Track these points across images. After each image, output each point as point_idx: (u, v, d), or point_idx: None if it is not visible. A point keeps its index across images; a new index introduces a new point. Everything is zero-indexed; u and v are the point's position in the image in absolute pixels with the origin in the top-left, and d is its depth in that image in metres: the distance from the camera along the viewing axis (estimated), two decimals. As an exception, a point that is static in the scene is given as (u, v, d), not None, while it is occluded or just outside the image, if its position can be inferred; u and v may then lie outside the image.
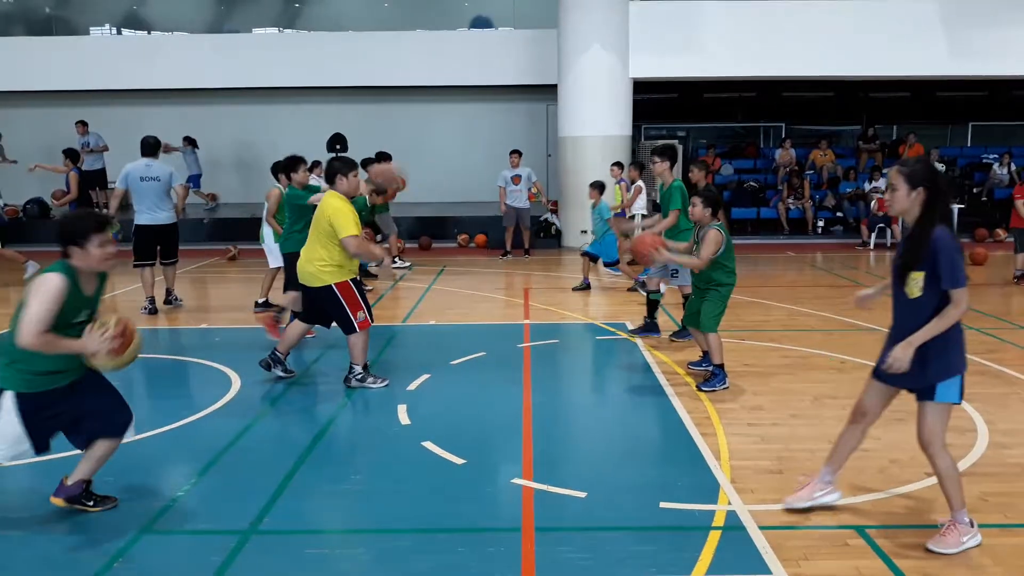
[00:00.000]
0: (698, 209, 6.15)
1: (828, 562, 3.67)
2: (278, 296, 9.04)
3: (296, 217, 7.40)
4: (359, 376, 6.30)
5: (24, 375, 3.84)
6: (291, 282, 7.46)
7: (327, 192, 6.24)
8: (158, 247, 9.19)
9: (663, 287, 8.03)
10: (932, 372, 3.70)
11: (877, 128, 18.32)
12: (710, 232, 6.09)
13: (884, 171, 15.64)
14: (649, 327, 7.89)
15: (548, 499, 4.35)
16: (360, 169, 6.65)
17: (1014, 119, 18.92)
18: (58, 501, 4.14)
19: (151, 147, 9.25)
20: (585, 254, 10.54)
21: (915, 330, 3.68)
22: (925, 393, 3.75)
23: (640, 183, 11.22)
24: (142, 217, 9.13)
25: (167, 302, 9.36)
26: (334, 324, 6.38)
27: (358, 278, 6.30)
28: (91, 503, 4.19)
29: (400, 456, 4.99)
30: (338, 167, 6.18)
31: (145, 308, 9.03)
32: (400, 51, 16.42)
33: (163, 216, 9.14)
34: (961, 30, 14.40)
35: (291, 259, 7.17)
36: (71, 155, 12.80)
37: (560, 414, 5.91)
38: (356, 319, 6.18)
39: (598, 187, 10.44)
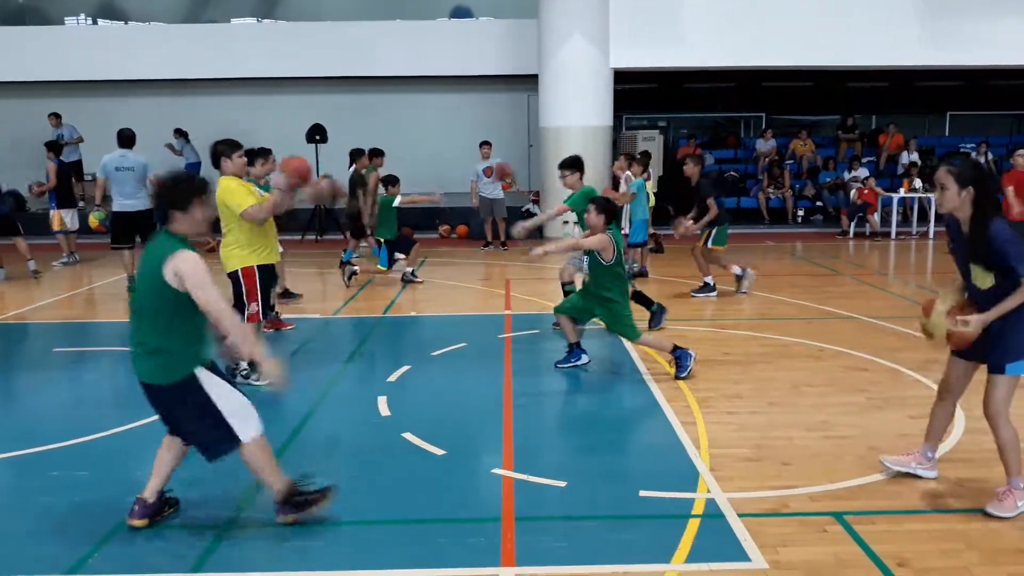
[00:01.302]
0: (592, 215, 6.14)
1: (806, 548, 3.70)
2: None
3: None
4: (243, 372, 6.12)
5: (193, 351, 3.76)
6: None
7: (220, 178, 6.18)
8: (136, 232, 9.80)
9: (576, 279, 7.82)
10: (1002, 350, 3.91)
11: (856, 118, 18.43)
12: (603, 234, 6.09)
13: (863, 160, 15.76)
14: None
15: (528, 489, 4.35)
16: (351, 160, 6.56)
17: (991, 108, 19.08)
18: (140, 522, 3.92)
19: (127, 139, 10.03)
20: (633, 245, 10.33)
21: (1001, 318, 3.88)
22: (996, 367, 3.96)
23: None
24: (118, 204, 9.85)
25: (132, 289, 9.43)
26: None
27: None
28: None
29: (380, 447, 4.97)
30: (222, 150, 6.16)
31: (129, 287, 9.70)
32: (380, 41, 16.30)
33: (138, 203, 9.78)
34: (939, 20, 14.49)
35: None
36: (53, 148, 12.68)
37: (540, 404, 5.91)
38: (248, 309, 6.11)
39: (640, 160, 10.42)
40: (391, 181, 10.01)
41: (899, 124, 17.58)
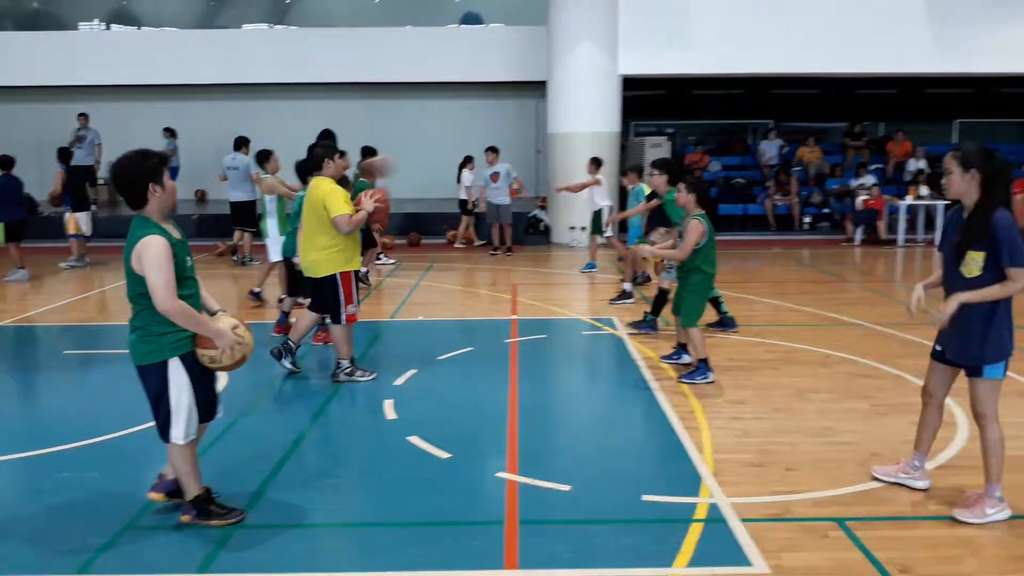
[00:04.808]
0: (681, 195, 6.25)
1: (808, 554, 3.73)
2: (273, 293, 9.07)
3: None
4: (347, 370, 6.33)
5: (172, 339, 3.75)
6: (293, 285, 7.53)
7: (315, 178, 6.25)
8: (245, 219, 11.78)
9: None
10: (979, 354, 3.91)
11: (864, 125, 18.41)
12: (691, 222, 6.18)
13: (870, 168, 15.75)
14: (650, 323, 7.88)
15: (532, 493, 4.38)
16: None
17: (999, 116, 19.03)
18: (156, 495, 4.07)
19: (238, 142, 12.33)
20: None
21: (973, 313, 3.86)
22: (974, 370, 3.97)
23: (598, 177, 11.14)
24: (231, 195, 12.09)
25: None
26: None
27: (362, 271, 6.32)
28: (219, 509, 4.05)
29: (386, 450, 5.02)
30: (322, 152, 6.22)
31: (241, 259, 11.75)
32: (390, 47, 16.40)
33: (241, 195, 11.92)
34: (947, 27, 14.50)
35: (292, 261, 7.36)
36: (62, 154, 12.82)
37: (546, 409, 5.95)
38: (347, 311, 6.22)
39: (636, 170, 10.47)
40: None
41: (907, 131, 17.54)
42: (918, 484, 4.34)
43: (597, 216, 11.44)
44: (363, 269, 10.22)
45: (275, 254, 8.60)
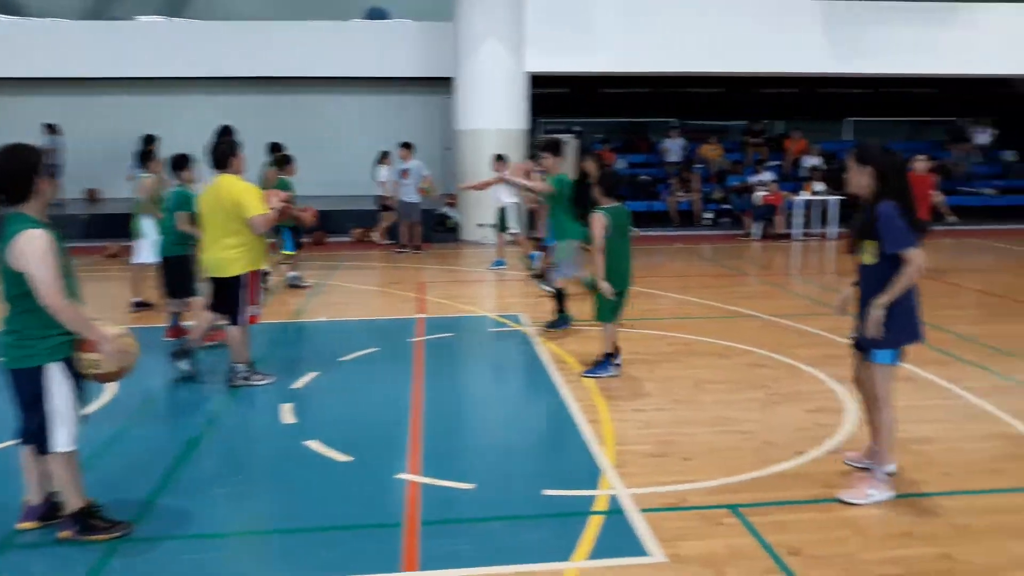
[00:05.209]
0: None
1: (704, 541, 3.80)
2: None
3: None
4: (243, 374, 6.13)
5: (60, 340, 3.57)
6: (174, 287, 7.25)
7: (221, 175, 6.03)
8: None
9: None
10: (871, 339, 4.08)
11: (763, 123, 19.04)
12: (593, 215, 6.23)
13: (768, 165, 16.29)
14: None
15: (435, 493, 4.34)
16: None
17: (890, 115, 19.98)
18: (27, 525, 3.84)
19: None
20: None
21: (873, 294, 4.04)
22: (867, 355, 4.19)
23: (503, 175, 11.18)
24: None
25: None
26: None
27: (266, 270, 6.15)
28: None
29: (283, 456, 4.88)
30: (227, 148, 6.03)
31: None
32: (292, 42, 16.00)
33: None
34: (841, 30, 15.13)
35: (172, 262, 7.07)
36: None
37: (450, 408, 5.89)
38: (249, 311, 6.05)
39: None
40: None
41: (803, 130, 18.24)
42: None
43: (503, 213, 11.46)
44: (266, 268, 9.94)
45: (149, 255, 8.26)
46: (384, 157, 13.87)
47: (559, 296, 7.85)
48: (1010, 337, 7.52)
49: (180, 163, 7.26)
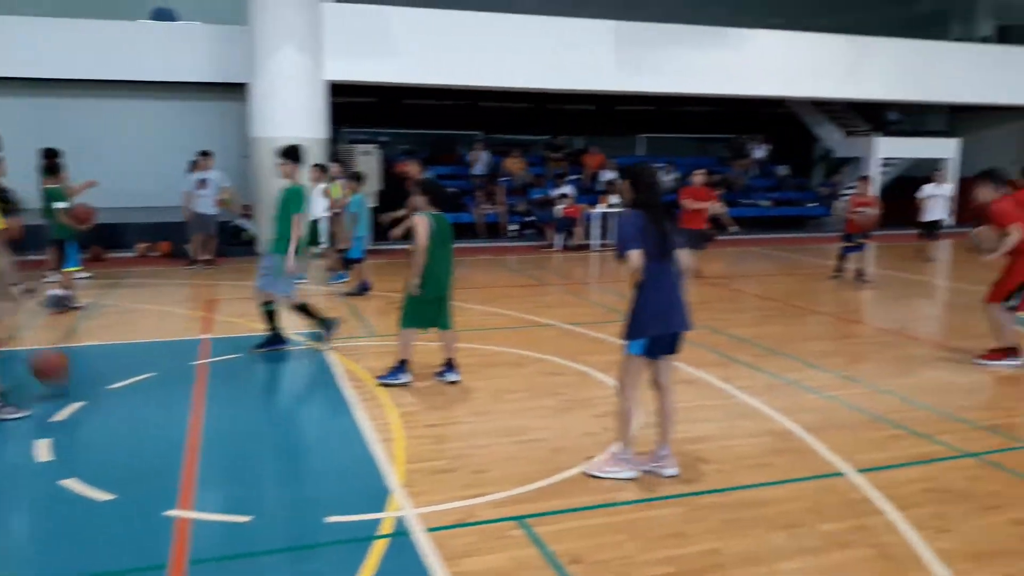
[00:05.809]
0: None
1: (488, 556, 3.75)
2: None
3: None
4: None
5: None
6: None
7: None
8: None
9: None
10: (623, 330, 4.55)
11: (564, 138, 19.72)
12: (415, 218, 6.26)
13: (568, 178, 16.85)
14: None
15: (207, 529, 4.02)
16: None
17: (679, 132, 21.34)
18: None
19: None
20: (350, 260, 10.56)
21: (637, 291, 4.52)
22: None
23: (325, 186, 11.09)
24: None
25: None
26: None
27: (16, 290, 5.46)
28: None
29: (35, 498, 4.36)
30: None
31: None
32: (68, 40, 14.63)
33: None
34: (632, 50, 15.93)
35: None
36: None
37: (232, 435, 5.49)
38: None
39: (356, 177, 10.22)
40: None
41: (600, 145, 19.09)
42: (667, 472, 4.66)
43: (313, 227, 11.06)
44: (20, 285, 8.97)
45: None
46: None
47: (271, 315, 7.43)
48: (782, 338, 8.15)
49: None
